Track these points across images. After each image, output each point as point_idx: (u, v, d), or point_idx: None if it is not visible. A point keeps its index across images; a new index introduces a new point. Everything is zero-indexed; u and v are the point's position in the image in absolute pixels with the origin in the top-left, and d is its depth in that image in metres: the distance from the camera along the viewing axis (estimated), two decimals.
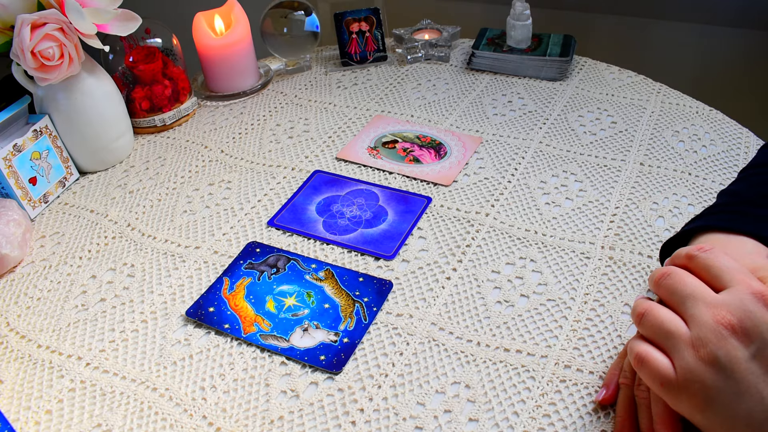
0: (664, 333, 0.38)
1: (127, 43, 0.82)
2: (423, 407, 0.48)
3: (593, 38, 1.33)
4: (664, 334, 0.38)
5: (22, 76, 0.70)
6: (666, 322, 0.38)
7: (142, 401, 0.50)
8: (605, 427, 0.45)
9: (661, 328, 0.38)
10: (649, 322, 0.38)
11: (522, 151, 0.76)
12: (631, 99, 0.85)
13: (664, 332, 0.38)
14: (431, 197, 0.69)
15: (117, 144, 0.78)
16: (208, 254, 0.64)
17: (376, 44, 0.96)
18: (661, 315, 0.38)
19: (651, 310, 0.39)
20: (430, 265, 0.61)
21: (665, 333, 0.37)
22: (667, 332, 0.37)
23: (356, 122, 0.84)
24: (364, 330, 0.54)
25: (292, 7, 0.92)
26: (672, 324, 0.37)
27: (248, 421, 0.48)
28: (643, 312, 0.39)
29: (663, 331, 0.38)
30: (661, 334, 0.38)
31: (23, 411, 0.50)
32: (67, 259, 0.65)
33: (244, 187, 0.73)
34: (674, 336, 0.37)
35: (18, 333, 0.57)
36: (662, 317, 0.38)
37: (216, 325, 0.55)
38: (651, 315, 0.38)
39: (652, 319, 0.38)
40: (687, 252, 0.40)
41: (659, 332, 0.38)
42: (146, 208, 0.71)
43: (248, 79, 0.91)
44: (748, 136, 0.75)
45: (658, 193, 0.68)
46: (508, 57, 0.91)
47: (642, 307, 0.39)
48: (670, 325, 0.37)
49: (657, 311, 0.38)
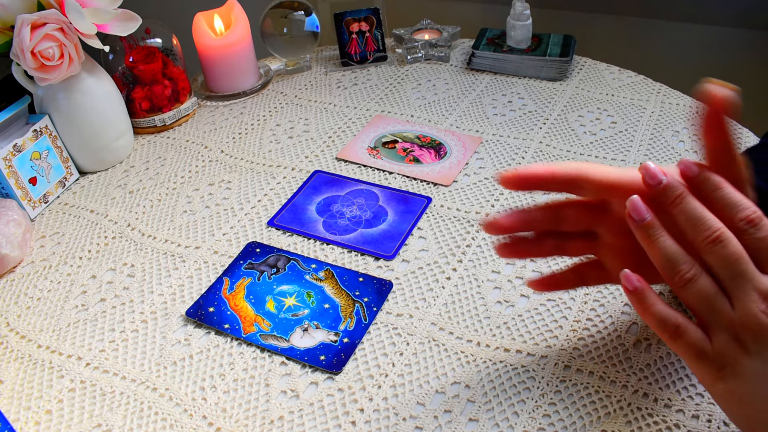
0: (710, 307, 0.37)
1: (127, 43, 0.82)
2: (423, 407, 0.48)
3: (593, 38, 1.33)
4: (709, 308, 0.37)
5: (22, 76, 0.70)
6: (715, 297, 0.37)
7: (142, 401, 0.50)
8: (605, 427, 0.45)
9: (709, 300, 0.37)
10: (698, 290, 0.37)
11: (522, 151, 0.76)
12: (631, 99, 0.85)
13: (711, 306, 0.37)
14: (431, 197, 0.69)
15: (117, 144, 0.78)
16: (208, 254, 0.64)
17: (376, 44, 0.96)
18: (711, 287, 0.37)
19: (702, 278, 0.38)
20: (430, 265, 0.61)
21: (711, 307, 0.37)
22: (714, 307, 0.37)
23: (356, 122, 0.84)
24: (364, 330, 0.54)
25: (292, 7, 0.92)
26: (719, 300, 0.37)
27: (248, 421, 0.48)
28: (691, 277, 0.38)
29: (710, 304, 0.37)
30: (706, 306, 0.37)
31: (23, 411, 0.50)
32: (67, 259, 0.65)
33: (244, 187, 0.73)
34: (719, 312, 0.37)
35: (18, 333, 0.57)
36: (713, 290, 0.37)
37: (216, 325, 0.55)
38: (701, 284, 0.37)
39: (702, 289, 0.37)
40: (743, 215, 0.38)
41: (705, 304, 0.37)
42: (146, 208, 0.71)
43: (248, 79, 0.91)
44: (748, 136, 0.75)
45: None
46: (508, 57, 0.91)
47: (691, 272, 0.38)
48: (716, 301, 0.37)
49: (707, 281, 0.38)
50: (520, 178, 0.43)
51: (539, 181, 0.43)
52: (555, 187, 0.44)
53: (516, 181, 0.43)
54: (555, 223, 0.47)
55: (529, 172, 0.43)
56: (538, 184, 0.43)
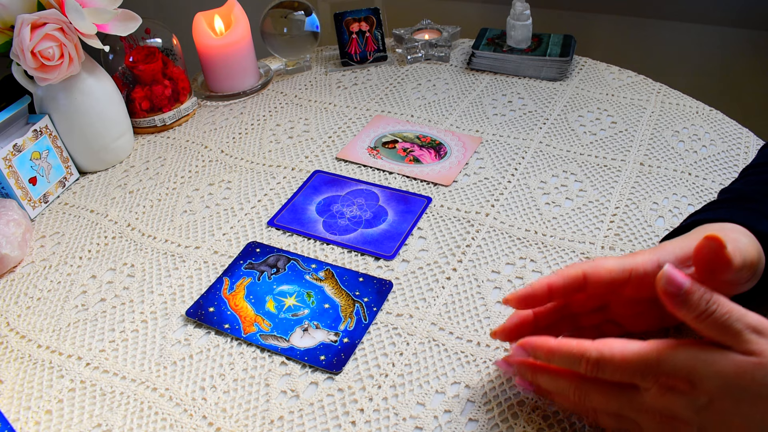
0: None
1: (127, 43, 0.82)
2: (423, 407, 0.48)
3: (593, 38, 1.33)
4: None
5: (22, 76, 0.70)
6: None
7: (142, 401, 0.50)
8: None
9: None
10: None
11: (522, 151, 0.76)
12: (631, 99, 0.85)
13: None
14: (431, 197, 0.69)
15: (117, 144, 0.78)
16: (208, 254, 0.64)
17: (376, 44, 0.96)
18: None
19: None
20: (430, 265, 0.61)
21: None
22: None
23: (356, 122, 0.84)
24: (364, 330, 0.54)
25: (292, 7, 0.92)
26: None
27: (248, 421, 0.48)
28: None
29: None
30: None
31: (23, 411, 0.50)
32: (67, 259, 0.65)
33: (244, 187, 0.73)
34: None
35: (18, 333, 0.57)
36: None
37: (216, 325, 0.55)
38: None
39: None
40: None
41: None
42: (146, 208, 0.71)
43: (248, 79, 0.91)
44: (748, 136, 0.75)
45: (658, 193, 0.68)
46: (508, 57, 0.91)
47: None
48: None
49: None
50: (521, 300, 0.45)
51: (541, 299, 0.45)
52: (557, 298, 0.46)
53: (518, 302, 0.46)
54: (562, 314, 0.49)
55: (528, 293, 0.45)
56: (542, 300, 0.45)
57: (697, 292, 0.37)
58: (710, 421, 0.37)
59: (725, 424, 0.37)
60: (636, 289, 0.44)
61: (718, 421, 0.37)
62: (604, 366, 0.39)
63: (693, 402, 0.37)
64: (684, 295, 0.37)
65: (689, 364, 0.37)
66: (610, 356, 0.39)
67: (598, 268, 0.44)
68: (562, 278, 0.44)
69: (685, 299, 0.37)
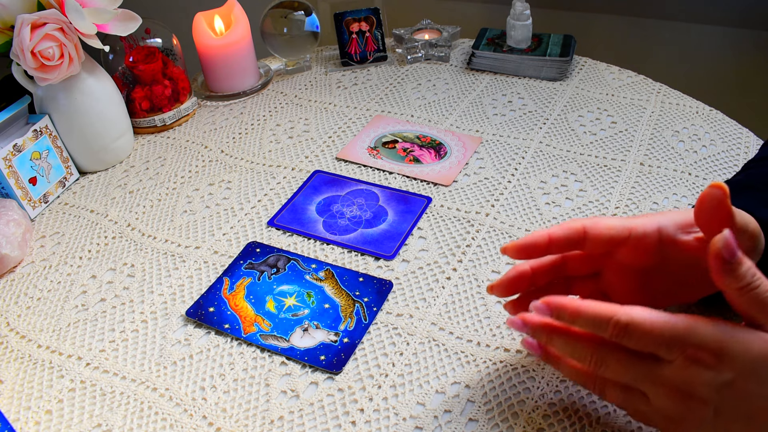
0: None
1: (127, 43, 0.82)
2: (423, 407, 0.48)
3: (593, 38, 1.33)
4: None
5: (22, 76, 0.70)
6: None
7: (142, 401, 0.50)
8: (605, 427, 0.45)
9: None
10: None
11: (522, 151, 0.76)
12: (631, 99, 0.85)
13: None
14: (431, 197, 0.69)
15: (117, 144, 0.78)
16: (208, 254, 0.64)
17: (376, 44, 0.96)
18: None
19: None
20: (430, 265, 0.61)
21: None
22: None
23: (356, 122, 0.84)
24: (364, 330, 0.54)
25: (292, 7, 0.92)
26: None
27: (248, 421, 0.48)
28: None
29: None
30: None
31: (23, 411, 0.50)
32: (67, 259, 0.65)
33: (244, 187, 0.73)
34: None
35: (18, 333, 0.57)
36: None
37: (216, 325, 0.55)
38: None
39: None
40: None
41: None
42: (146, 208, 0.71)
43: (248, 79, 0.91)
44: (748, 136, 0.75)
45: (658, 193, 0.68)
46: (508, 57, 0.91)
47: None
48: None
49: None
50: (520, 248, 0.45)
51: (540, 249, 0.44)
52: (556, 250, 0.45)
53: (517, 251, 0.45)
54: (557, 274, 0.48)
55: (528, 242, 0.44)
56: (541, 251, 0.44)
57: (746, 264, 0.36)
58: (730, 400, 0.36)
59: (745, 404, 0.36)
60: (633, 252, 0.43)
61: (738, 401, 0.36)
62: (632, 331, 0.37)
63: (716, 378, 0.36)
64: (734, 263, 0.36)
65: (718, 339, 0.36)
66: (640, 321, 0.37)
67: (599, 224, 0.43)
68: (563, 230, 0.44)
69: (734, 267, 0.36)
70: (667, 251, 0.42)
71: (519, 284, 0.47)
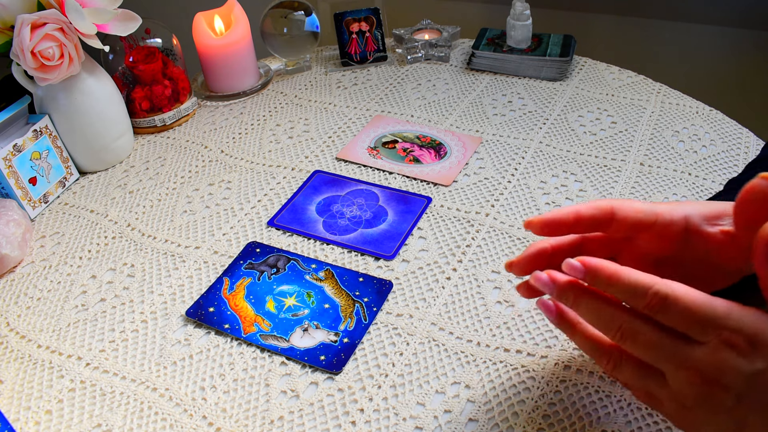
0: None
1: (127, 43, 0.82)
2: (423, 407, 0.48)
3: (593, 38, 1.33)
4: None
5: (22, 76, 0.70)
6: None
7: (142, 401, 0.50)
8: (605, 427, 0.45)
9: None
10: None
11: (522, 151, 0.76)
12: (631, 99, 0.85)
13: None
14: (431, 197, 0.69)
15: (117, 144, 0.78)
16: (208, 254, 0.64)
17: (376, 44, 0.96)
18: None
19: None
20: (430, 265, 0.61)
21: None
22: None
23: (356, 122, 0.84)
24: (364, 330, 0.54)
25: (292, 7, 0.92)
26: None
27: (248, 421, 0.48)
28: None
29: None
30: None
31: (23, 411, 0.50)
32: (67, 259, 0.65)
33: (244, 187, 0.73)
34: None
35: (18, 333, 0.57)
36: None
37: (216, 325, 0.55)
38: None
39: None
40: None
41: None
42: (146, 208, 0.71)
43: (248, 79, 0.91)
44: (748, 136, 0.75)
45: (658, 193, 0.68)
46: (508, 57, 0.91)
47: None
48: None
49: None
50: (546, 224, 0.43)
51: (566, 226, 0.43)
52: (581, 229, 0.43)
53: (542, 226, 0.43)
54: (574, 255, 0.47)
55: (554, 217, 0.43)
56: (566, 228, 0.43)
57: None
58: (756, 390, 0.35)
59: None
60: (656, 238, 0.42)
61: (764, 392, 0.35)
62: (670, 304, 0.35)
63: (747, 365, 0.34)
64: None
65: (756, 326, 0.35)
66: (681, 295, 0.35)
67: (627, 206, 0.42)
68: (591, 208, 0.42)
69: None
70: (689, 241, 0.41)
71: (538, 262, 0.45)
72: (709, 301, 0.35)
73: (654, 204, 0.42)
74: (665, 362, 0.37)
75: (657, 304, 0.36)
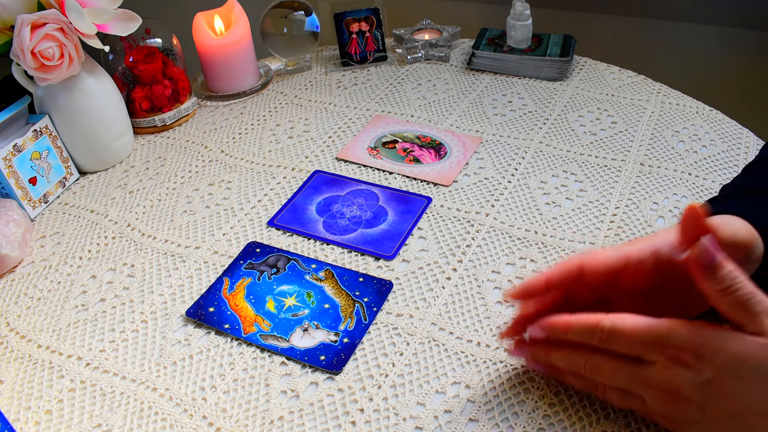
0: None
1: (127, 43, 0.82)
2: (423, 407, 0.48)
3: (593, 38, 1.33)
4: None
5: (22, 76, 0.70)
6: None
7: (142, 401, 0.50)
8: (605, 427, 0.45)
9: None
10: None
11: (522, 151, 0.76)
12: (631, 99, 0.85)
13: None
14: (431, 197, 0.69)
15: (117, 144, 0.78)
16: (208, 254, 0.64)
17: (376, 44, 0.96)
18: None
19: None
20: (430, 265, 0.61)
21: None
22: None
23: (356, 122, 0.84)
24: (364, 330, 0.54)
25: (292, 7, 0.92)
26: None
27: (248, 421, 0.48)
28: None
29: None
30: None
31: (23, 411, 0.50)
32: (67, 259, 0.65)
33: (244, 187, 0.73)
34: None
35: (18, 333, 0.57)
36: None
37: (216, 325, 0.55)
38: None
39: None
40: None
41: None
42: (146, 208, 0.71)
43: (248, 79, 0.91)
44: (748, 136, 0.75)
45: (658, 193, 0.68)
46: (508, 57, 0.91)
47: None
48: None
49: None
50: (520, 294, 0.47)
51: (540, 291, 0.46)
52: (556, 291, 0.47)
53: (517, 297, 0.47)
54: (565, 303, 0.49)
55: (527, 287, 0.46)
56: (540, 293, 0.46)
57: (727, 267, 0.38)
58: (710, 399, 0.38)
59: (726, 402, 0.37)
60: (632, 278, 0.44)
61: (720, 399, 0.37)
62: (615, 335, 0.40)
63: (696, 377, 0.38)
64: (714, 267, 0.38)
65: (697, 339, 0.38)
66: (621, 326, 0.40)
67: (594, 259, 0.45)
68: (559, 271, 0.46)
69: (714, 270, 0.38)
70: (667, 272, 0.44)
71: (525, 326, 0.48)
72: (650, 324, 0.39)
73: (622, 246, 0.46)
74: (633, 384, 0.41)
75: (606, 337, 0.41)
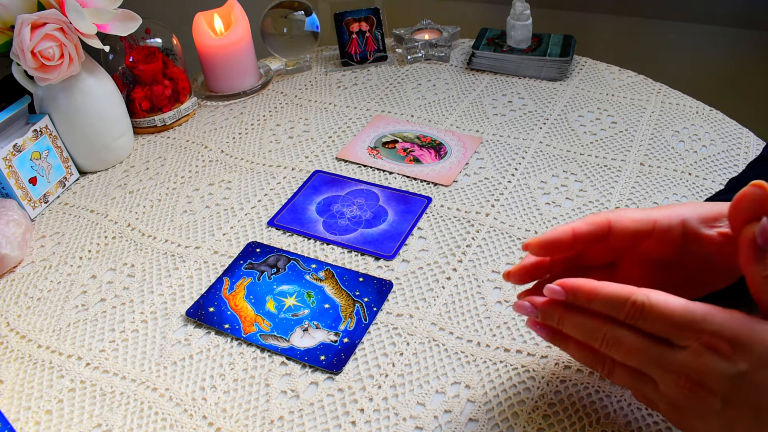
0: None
1: (127, 43, 0.82)
2: (423, 407, 0.48)
3: (593, 38, 1.33)
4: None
5: (22, 76, 0.70)
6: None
7: (142, 401, 0.50)
8: (605, 427, 0.45)
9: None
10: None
11: (522, 151, 0.76)
12: (631, 99, 0.85)
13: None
14: (431, 197, 0.69)
15: (117, 144, 0.78)
16: (208, 254, 0.64)
17: (376, 44, 0.96)
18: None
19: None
20: (430, 265, 0.61)
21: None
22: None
23: (356, 122, 0.84)
24: (364, 330, 0.54)
25: (292, 7, 0.92)
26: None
27: (248, 421, 0.48)
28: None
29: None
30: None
31: (23, 411, 0.50)
32: (67, 259, 0.65)
33: (244, 187, 0.73)
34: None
35: (18, 333, 0.57)
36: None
37: (216, 325, 0.55)
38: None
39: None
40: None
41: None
42: (146, 208, 0.71)
43: (248, 79, 0.91)
44: (748, 136, 0.75)
45: (658, 193, 0.68)
46: (508, 57, 0.91)
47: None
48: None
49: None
50: (543, 245, 0.43)
51: (564, 245, 0.43)
52: (580, 246, 0.44)
53: (539, 247, 0.43)
54: (575, 263, 0.47)
55: (551, 237, 0.43)
56: (565, 247, 0.43)
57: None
58: (738, 392, 0.35)
59: (755, 396, 0.35)
60: (655, 244, 0.42)
61: (749, 393, 0.35)
62: (648, 312, 0.36)
63: (730, 368, 0.35)
64: (767, 250, 0.35)
65: (735, 328, 0.35)
66: (657, 303, 0.36)
67: (623, 218, 0.42)
68: (587, 224, 0.42)
69: (765, 254, 0.35)
70: (688, 244, 0.42)
71: (536, 272, 0.46)
72: (687, 305, 0.36)
73: (650, 210, 0.43)
74: (651, 367, 0.38)
75: (636, 312, 0.37)
